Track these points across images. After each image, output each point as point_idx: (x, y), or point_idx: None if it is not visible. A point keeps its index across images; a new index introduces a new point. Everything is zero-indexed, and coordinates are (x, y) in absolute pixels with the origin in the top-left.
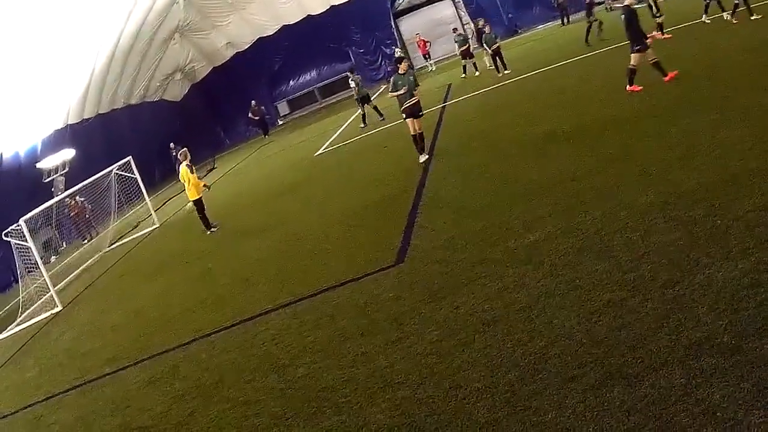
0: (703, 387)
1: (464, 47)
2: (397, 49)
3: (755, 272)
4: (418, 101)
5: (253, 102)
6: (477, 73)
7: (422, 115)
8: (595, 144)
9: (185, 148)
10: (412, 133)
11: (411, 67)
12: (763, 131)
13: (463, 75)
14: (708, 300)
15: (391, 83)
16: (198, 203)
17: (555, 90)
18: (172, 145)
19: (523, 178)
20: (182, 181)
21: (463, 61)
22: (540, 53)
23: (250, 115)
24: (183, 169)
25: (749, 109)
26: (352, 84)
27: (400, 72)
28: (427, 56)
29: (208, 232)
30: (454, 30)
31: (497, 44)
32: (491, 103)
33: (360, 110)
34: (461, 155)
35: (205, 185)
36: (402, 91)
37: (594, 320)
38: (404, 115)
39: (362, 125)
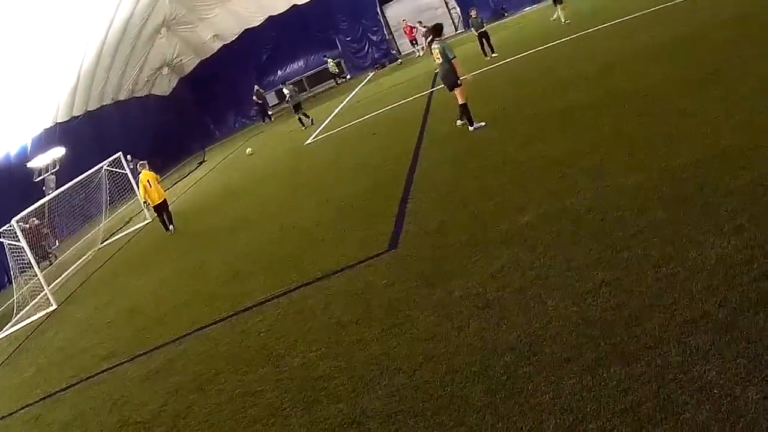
0: (700, 364)
1: (429, 38)
2: (330, 60)
3: (748, 248)
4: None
5: (256, 86)
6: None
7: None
8: (584, 125)
9: (145, 161)
10: (463, 101)
11: None
12: (753, 106)
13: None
14: (702, 277)
15: (449, 50)
16: (162, 205)
17: (542, 72)
18: (129, 157)
19: (514, 161)
20: (144, 186)
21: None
22: (529, 36)
23: (254, 98)
24: (149, 174)
25: (737, 84)
26: (286, 91)
27: (441, 39)
28: (414, 42)
29: (168, 232)
30: (419, 23)
31: (484, 28)
32: (479, 87)
33: (297, 115)
34: (451, 139)
35: (146, 201)
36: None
37: (588, 301)
38: (460, 81)
39: (303, 127)
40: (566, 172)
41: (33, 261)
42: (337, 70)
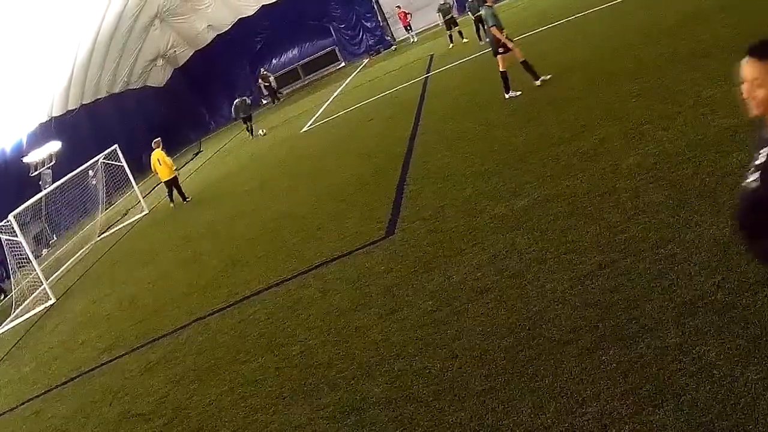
0: (699, 345)
1: (448, 16)
2: (263, 70)
3: None
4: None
5: (262, 69)
6: (465, 40)
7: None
8: (578, 107)
9: (159, 138)
10: (503, 69)
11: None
12: None
13: (451, 45)
14: (700, 258)
15: (491, 17)
16: (173, 181)
17: (536, 56)
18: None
19: (509, 145)
20: (154, 164)
21: (448, 30)
22: (526, 19)
23: (260, 81)
24: (159, 153)
25: (732, 64)
26: (236, 102)
27: (488, 4)
28: (408, 28)
29: (186, 201)
30: None
31: (480, 12)
32: (473, 72)
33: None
34: (446, 124)
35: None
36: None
37: (586, 283)
38: (501, 51)
39: (251, 136)
40: (562, 155)
41: (31, 256)
42: (275, 85)
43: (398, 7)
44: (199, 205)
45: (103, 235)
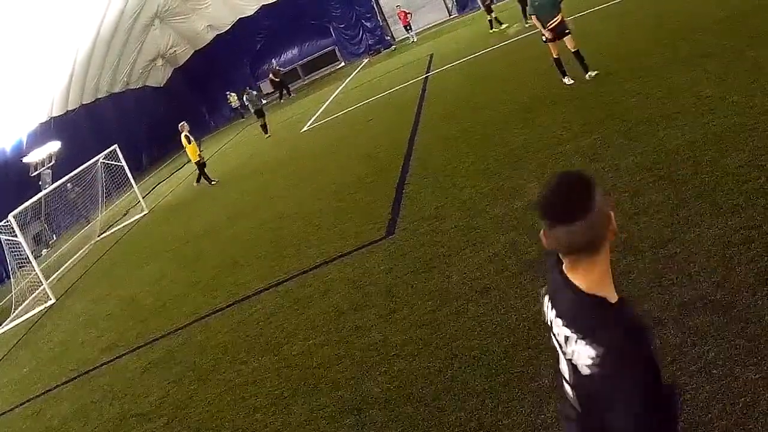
0: (698, 345)
1: (487, 2)
2: (231, 94)
3: (746, 228)
4: (563, 20)
5: (273, 62)
6: (504, 26)
7: (569, 32)
8: (578, 107)
9: (183, 122)
10: (555, 56)
11: None
12: (747, 87)
13: (492, 29)
14: (700, 258)
15: (530, 6)
16: (198, 164)
17: (536, 55)
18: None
19: (509, 145)
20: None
21: (488, 15)
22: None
23: (271, 76)
24: (183, 138)
25: (732, 65)
26: (246, 98)
27: None
28: (408, 27)
29: (213, 183)
30: None
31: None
32: (473, 71)
33: (260, 122)
34: (446, 124)
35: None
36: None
37: None
38: (548, 37)
39: (265, 135)
40: (562, 155)
41: (30, 256)
42: (238, 104)
43: (398, 6)
44: (198, 205)
45: (103, 235)
